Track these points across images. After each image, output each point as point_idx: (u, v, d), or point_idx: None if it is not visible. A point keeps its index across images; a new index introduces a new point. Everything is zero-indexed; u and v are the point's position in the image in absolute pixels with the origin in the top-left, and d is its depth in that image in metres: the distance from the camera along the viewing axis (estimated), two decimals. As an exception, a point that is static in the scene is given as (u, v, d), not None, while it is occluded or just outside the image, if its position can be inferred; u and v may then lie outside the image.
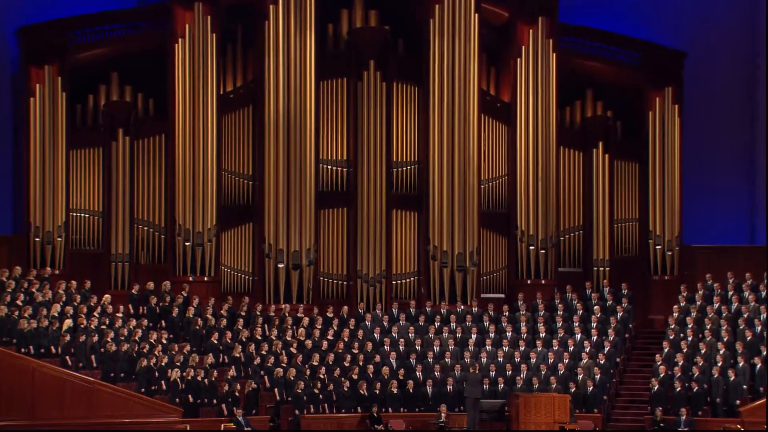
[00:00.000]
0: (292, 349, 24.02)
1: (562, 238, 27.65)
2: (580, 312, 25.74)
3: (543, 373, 24.08)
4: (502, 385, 23.98)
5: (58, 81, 25.43)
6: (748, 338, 23.82)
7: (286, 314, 24.93)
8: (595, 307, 25.73)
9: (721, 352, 23.71)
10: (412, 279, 26.97)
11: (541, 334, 25.17)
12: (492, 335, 25.19)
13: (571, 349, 24.71)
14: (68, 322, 22.77)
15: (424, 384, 24.07)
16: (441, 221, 26.71)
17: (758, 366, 23.22)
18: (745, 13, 28.51)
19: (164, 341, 23.37)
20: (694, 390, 23.21)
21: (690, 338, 24.37)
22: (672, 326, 24.93)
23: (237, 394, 22.60)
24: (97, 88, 26.36)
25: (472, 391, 23.51)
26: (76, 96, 26.05)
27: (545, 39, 27.21)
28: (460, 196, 26.71)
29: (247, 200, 26.65)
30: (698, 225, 28.17)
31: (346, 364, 24.00)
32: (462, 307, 26.12)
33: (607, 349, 24.77)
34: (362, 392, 23.50)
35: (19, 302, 22.75)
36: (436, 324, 25.41)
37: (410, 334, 25.12)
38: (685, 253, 27.64)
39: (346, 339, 24.64)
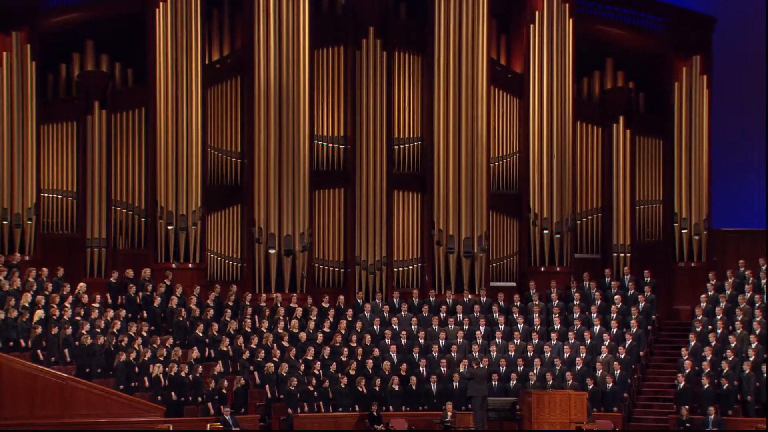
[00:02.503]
0: (284, 342, 24.00)
1: (579, 222, 27.64)
2: (599, 302, 25.73)
3: (558, 368, 24.07)
4: (514, 382, 24.01)
5: (27, 49, 25.30)
6: (783, 330, 23.82)
7: (278, 304, 24.91)
8: (615, 297, 25.70)
9: (753, 345, 23.65)
10: (415, 266, 26.95)
11: (555, 326, 25.16)
12: (502, 327, 25.20)
13: (589, 342, 24.71)
14: (39, 313, 22.75)
15: (428, 380, 24.06)
16: (447, 203, 26.68)
17: (794, 361, 23.23)
18: (780, -24, 28.38)
19: (145, 334, 23.35)
20: (724, 387, 23.16)
21: (719, 330, 24.36)
22: (699, 317, 24.91)
23: (224, 391, 22.60)
24: (71, 57, 26.25)
25: (478, 389, 23.44)
26: (47, 65, 25.95)
27: (561, 3, 27.15)
28: (467, 175, 26.67)
29: (235, 180, 26.58)
30: (728, 207, 28.17)
31: (343, 359, 23.98)
32: (469, 296, 26.10)
33: (628, 342, 24.74)
34: (360, 389, 23.47)
35: (-15, 291, 22.75)
36: (441, 315, 25.43)
37: (413, 326, 25.11)
38: (713, 237, 27.60)
39: (343, 331, 24.63)
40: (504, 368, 24.24)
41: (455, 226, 26.62)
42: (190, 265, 25.76)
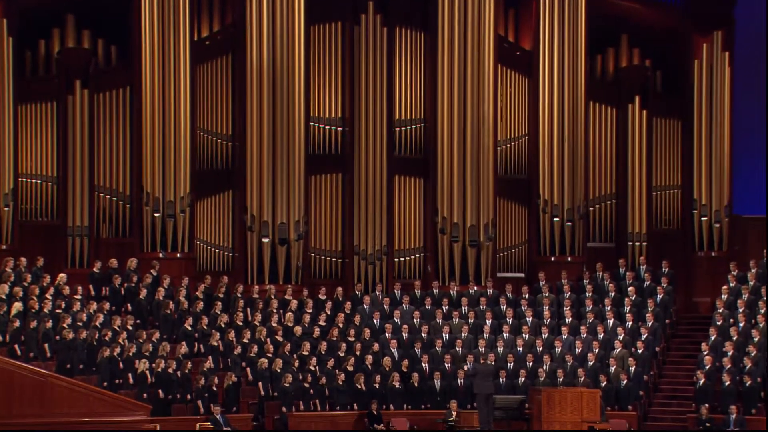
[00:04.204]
0: (278, 336, 24.00)
1: (591, 209, 27.69)
2: (613, 294, 25.75)
3: (569, 364, 24.09)
4: (522, 379, 24.00)
5: (4, 23, 25.28)
6: (809, 324, 23.79)
7: (272, 296, 24.95)
8: (630, 289, 25.73)
9: (777, 340, 23.66)
10: (417, 256, 27.01)
11: (566, 320, 25.19)
12: (510, 321, 25.21)
13: (602, 336, 24.73)
14: (18, 306, 22.81)
15: (431, 377, 24.10)
16: (451, 189, 26.72)
17: (820, 356, 23.20)
18: (807, -54, 28.30)
19: (130, 327, 23.39)
20: (746, 384, 23.18)
21: (741, 324, 24.39)
22: (720, 310, 24.93)
23: (215, 388, 22.62)
24: (50, 33, 26.24)
25: (483, 386, 23.49)
26: (25, 41, 25.89)
27: (573, -25, 27.20)
28: (473, 159, 26.71)
29: (226, 164, 26.60)
30: (750, 193, 28.19)
31: (341, 354, 23.98)
32: (475, 288, 26.16)
33: (644, 336, 24.76)
34: (359, 387, 23.48)
35: (-40, 282, 22.78)
36: (444, 308, 25.46)
37: (415, 320, 25.15)
38: (735, 225, 27.64)
39: (340, 325, 24.66)
40: (512, 364, 24.24)
41: (460, 213, 26.63)
42: (178, 255, 25.77)
